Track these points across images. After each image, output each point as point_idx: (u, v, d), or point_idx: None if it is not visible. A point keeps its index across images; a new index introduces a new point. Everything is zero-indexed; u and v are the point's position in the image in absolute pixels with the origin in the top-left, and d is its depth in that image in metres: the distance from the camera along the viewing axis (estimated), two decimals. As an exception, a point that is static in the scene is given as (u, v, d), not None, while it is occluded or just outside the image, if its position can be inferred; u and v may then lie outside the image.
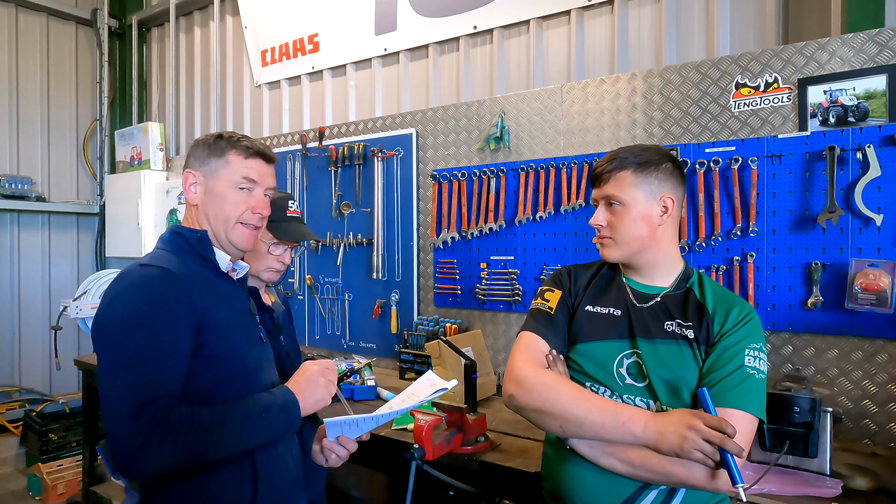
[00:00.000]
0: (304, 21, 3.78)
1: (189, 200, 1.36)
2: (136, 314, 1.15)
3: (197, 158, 1.35)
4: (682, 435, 1.12)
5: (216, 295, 1.27)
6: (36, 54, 4.83)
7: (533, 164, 2.59)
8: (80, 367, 3.49)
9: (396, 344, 3.03)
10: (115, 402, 1.09)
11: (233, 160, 1.33)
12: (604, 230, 1.37)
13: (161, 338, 1.14)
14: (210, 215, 1.33)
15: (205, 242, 1.32)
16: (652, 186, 1.34)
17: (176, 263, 1.25)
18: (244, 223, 1.34)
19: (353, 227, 3.24)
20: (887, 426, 1.87)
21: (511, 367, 1.34)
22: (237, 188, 1.33)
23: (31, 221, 4.78)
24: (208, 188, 1.34)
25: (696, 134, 2.23)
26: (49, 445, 4.08)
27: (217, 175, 1.33)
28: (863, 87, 1.93)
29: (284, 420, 1.26)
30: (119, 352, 1.13)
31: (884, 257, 1.88)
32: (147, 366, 1.12)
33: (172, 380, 1.14)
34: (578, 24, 2.77)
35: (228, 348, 1.25)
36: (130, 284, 1.19)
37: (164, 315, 1.16)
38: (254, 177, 1.34)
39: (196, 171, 1.35)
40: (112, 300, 1.18)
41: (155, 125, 4.61)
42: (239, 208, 1.33)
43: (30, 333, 4.73)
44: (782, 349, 2.06)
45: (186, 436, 1.10)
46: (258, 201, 1.36)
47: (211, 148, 1.34)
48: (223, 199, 1.32)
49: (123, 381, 1.10)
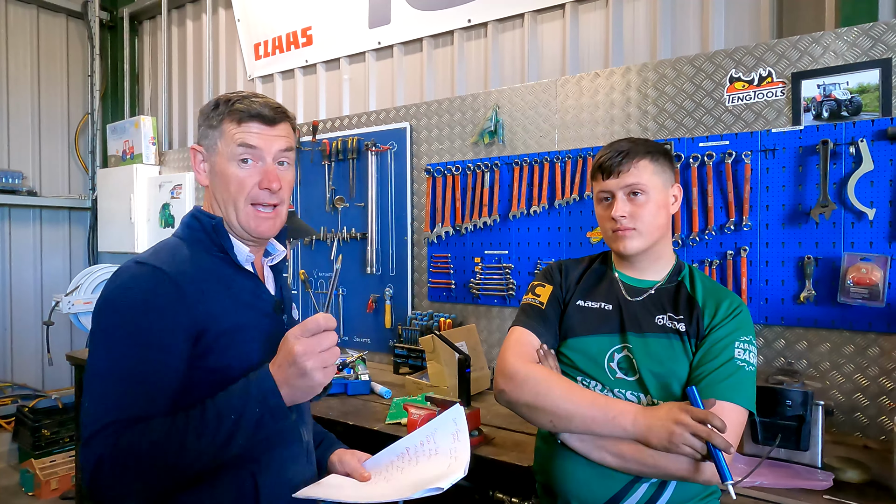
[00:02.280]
0: (297, 14, 3.75)
1: (199, 182, 1.19)
2: (117, 323, 1.01)
3: (200, 135, 1.18)
4: (669, 430, 1.12)
5: (231, 296, 1.10)
6: (26, 47, 4.78)
7: (527, 159, 2.58)
8: (72, 362, 3.46)
9: (391, 338, 3.03)
10: (82, 423, 0.98)
11: (227, 128, 1.12)
12: (626, 221, 1.32)
13: (140, 351, 0.99)
14: (218, 198, 1.15)
15: (220, 231, 1.14)
16: (666, 175, 1.35)
17: (183, 259, 1.09)
18: (255, 203, 1.14)
19: (347, 221, 3.23)
20: (878, 419, 1.88)
21: (502, 362, 1.34)
22: (238, 161, 1.12)
23: (23, 216, 4.75)
24: (213, 165, 1.15)
25: (690, 128, 2.23)
26: (42, 441, 4.06)
27: (216, 149, 1.14)
28: (856, 81, 1.93)
29: (263, 413, 0.99)
30: (93, 367, 1.01)
31: (876, 251, 1.89)
32: (117, 383, 0.98)
33: (146, 398, 0.98)
34: (573, 18, 2.76)
35: (235, 358, 1.08)
36: (119, 286, 1.05)
37: (149, 324, 1.00)
38: (252, 142, 1.12)
39: (200, 147, 1.17)
40: (103, 302, 1.05)
41: (147, 119, 4.58)
42: (244, 186, 1.12)
43: (22, 329, 4.71)
44: (775, 343, 2.06)
45: (140, 459, 0.94)
46: (265, 173, 1.13)
47: (209, 117, 1.15)
48: (225, 177, 1.13)
49: (90, 401, 0.98)
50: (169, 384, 1.01)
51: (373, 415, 2.18)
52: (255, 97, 1.15)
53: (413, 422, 1.80)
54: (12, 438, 4.28)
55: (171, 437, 0.96)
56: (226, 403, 0.99)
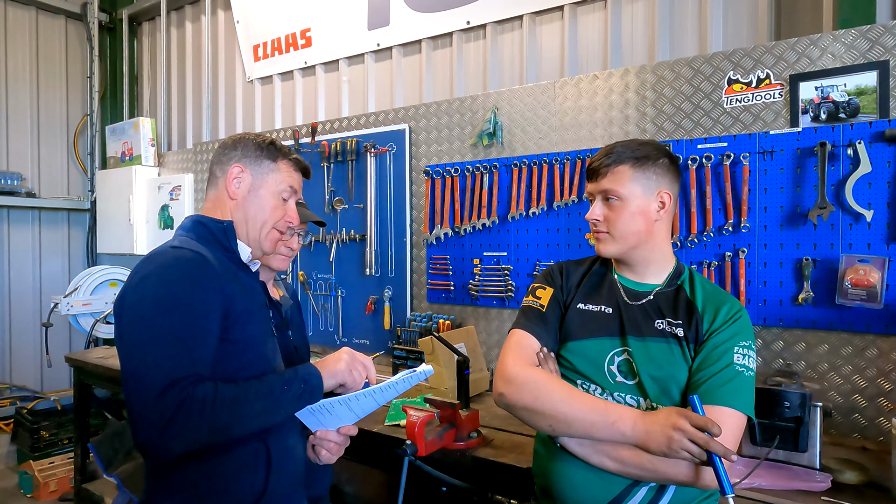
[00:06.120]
0: (296, 16, 3.75)
1: (229, 193, 1.38)
2: (170, 294, 1.15)
3: (247, 156, 1.39)
4: (668, 435, 1.12)
5: (239, 284, 1.30)
6: (25, 49, 4.78)
7: (526, 160, 2.58)
8: (71, 363, 3.46)
9: (389, 340, 3.03)
10: (144, 380, 1.08)
11: (284, 169, 1.41)
12: (600, 225, 1.36)
13: (193, 319, 1.15)
14: (249, 213, 1.37)
15: (230, 233, 1.34)
16: (650, 181, 1.34)
17: (204, 250, 1.27)
18: (277, 229, 1.41)
19: (346, 223, 3.23)
20: (876, 420, 1.89)
21: (502, 365, 1.34)
22: (280, 196, 1.40)
23: (21, 217, 4.75)
24: (254, 187, 1.38)
25: (689, 130, 2.23)
26: (40, 443, 4.06)
27: (266, 179, 1.39)
28: (854, 83, 1.93)
29: (306, 390, 1.24)
30: (150, 330, 1.13)
31: (874, 253, 1.89)
32: (178, 345, 1.12)
33: (201, 360, 1.15)
34: (572, 20, 2.76)
35: (249, 336, 1.27)
36: (163, 264, 1.19)
37: (197, 296, 1.17)
38: (296, 188, 1.44)
39: (245, 168, 1.38)
40: (144, 279, 1.18)
41: (146, 120, 4.58)
42: (277, 214, 1.39)
43: (21, 330, 4.71)
44: (773, 344, 2.07)
45: (212, 412, 1.09)
46: (292, 211, 1.43)
47: (265, 150, 1.40)
48: (266, 203, 1.38)
49: (154, 359, 1.10)
50: (213, 350, 1.19)
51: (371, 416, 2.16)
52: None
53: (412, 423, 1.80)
54: (11, 440, 4.28)
55: (237, 396, 1.14)
56: (278, 379, 1.22)
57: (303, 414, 1.29)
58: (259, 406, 1.16)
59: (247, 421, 1.15)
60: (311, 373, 1.27)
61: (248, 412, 1.15)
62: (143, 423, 1.07)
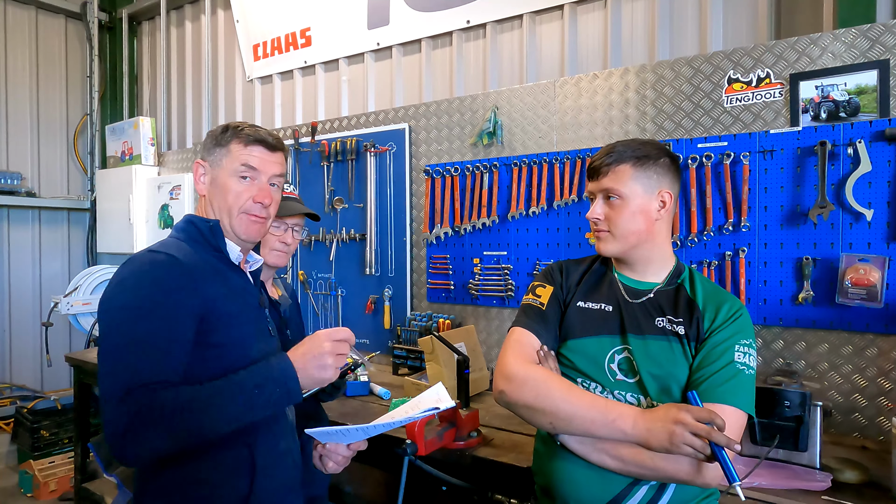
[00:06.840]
0: (296, 15, 3.75)
1: (198, 191, 1.38)
2: (139, 299, 1.15)
3: (205, 149, 1.37)
4: (669, 430, 1.11)
5: (226, 286, 1.27)
6: (25, 48, 4.78)
7: (526, 160, 2.58)
8: (71, 363, 3.46)
9: (389, 339, 3.03)
10: (107, 385, 1.08)
11: (234, 149, 1.33)
12: (601, 224, 1.36)
13: (163, 324, 1.14)
14: (215, 205, 1.34)
15: (217, 232, 1.32)
16: (651, 180, 1.34)
17: (186, 252, 1.25)
18: (247, 213, 1.33)
19: (346, 222, 3.23)
20: (877, 420, 1.89)
21: (502, 363, 1.34)
22: (238, 177, 1.32)
23: (21, 217, 4.74)
24: (213, 178, 1.34)
25: (689, 129, 2.23)
26: (41, 442, 4.06)
27: (220, 164, 1.33)
28: (854, 82, 1.93)
29: (281, 394, 1.17)
30: (118, 335, 1.13)
31: (874, 252, 1.89)
32: (143, 351, 1.11)
33: (170, 366, 1.13)
34: (571, 19, 2.76)
35: (233, 339, 1.24)
36: (137, 269, 1.19)
37: (168, 301, 1.15)
38: (254, 164, 1.32)
39: (204, 162, 1.36)
40: (118, 283, 1.18)
41: (146, 120, 4.58)
42: (240, 198, 1.32)
43: (21, 330, 4.70)
44: (773, 344, 2.07)
45: (172, 418, 1.07)
46: (259, 190, 1.33)
47: (217, 138, 1.35)
48: (225, 189, 1.32)
49: (118, 365, 1.10)
50: (184, 355, 1.16)
51: (371, 416, 2.17)
52: (260, 127, 1.38)
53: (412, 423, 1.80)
54: (11, 440, 4.28)
55: (199, 401, 1.10)
56: (249, 379, 1.16)
57: (317, 433, 1.26)
58: (231, 410, 1.12)
59: (217, 425, 1.12)
60: (287, 375, 1.18)
61: (216, 416, 1.11)
62: (106, 429, 1.07)
